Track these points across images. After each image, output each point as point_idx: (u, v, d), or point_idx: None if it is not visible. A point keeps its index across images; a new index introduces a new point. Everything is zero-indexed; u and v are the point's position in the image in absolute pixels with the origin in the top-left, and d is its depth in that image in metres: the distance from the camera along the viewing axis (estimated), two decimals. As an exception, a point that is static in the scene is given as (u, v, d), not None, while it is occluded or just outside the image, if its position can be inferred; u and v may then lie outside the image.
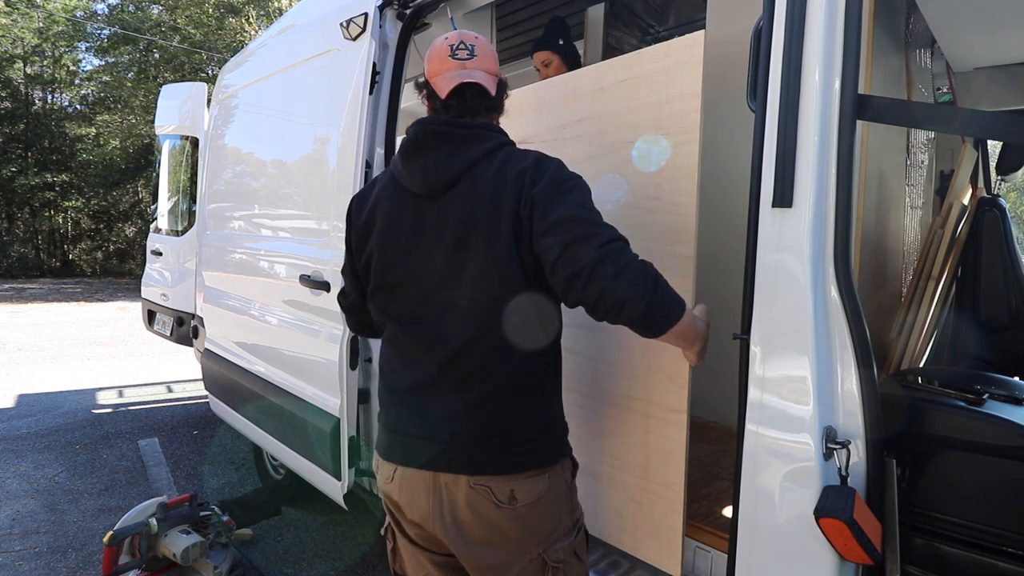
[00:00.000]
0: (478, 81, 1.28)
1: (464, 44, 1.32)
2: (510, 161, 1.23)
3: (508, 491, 1.21)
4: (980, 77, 2.38)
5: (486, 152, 1.24)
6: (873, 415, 1.15)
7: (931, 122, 1.54)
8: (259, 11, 17.02)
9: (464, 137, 1.26)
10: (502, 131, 1.33)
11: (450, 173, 1.24)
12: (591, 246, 1.09)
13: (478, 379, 1.22)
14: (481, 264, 1.20)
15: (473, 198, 1.21)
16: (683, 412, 1.40)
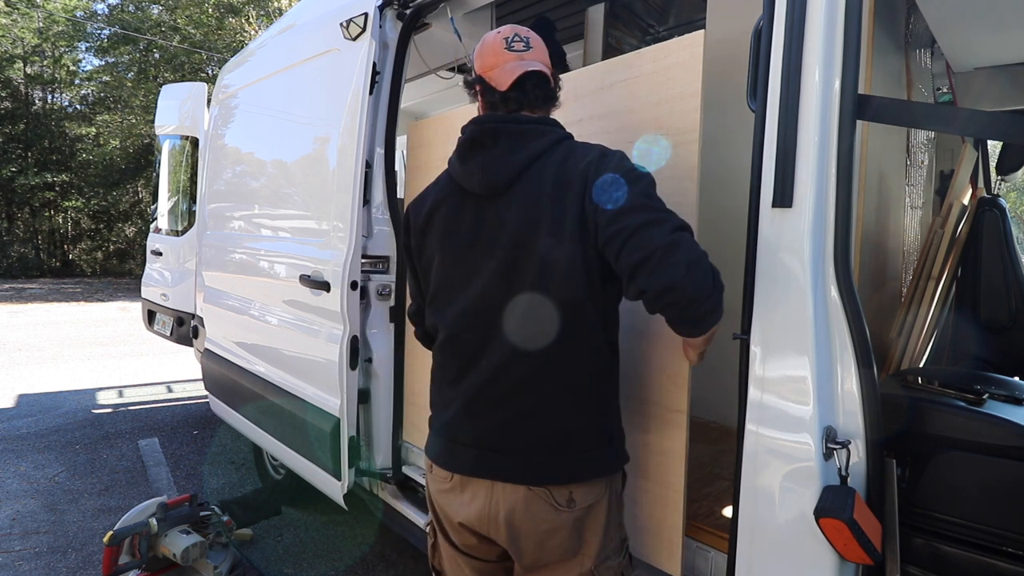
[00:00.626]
0: (540, 70, 1.26)
1: (519, 36, 1.29)
2: (573, 155, 1.19)
3: (567, 494, 1.19)
4: (980, 77, 2.38)
5: (546, 147, 1.21)
6: (873, 415, 1.15)
7: (931, 122, 1.54)
8: (259, 11, 17.03)
9: (522, 132, 1.22)
10: (560, 124, 1.29)
11: (510, 170, 1.20)
12: (663, 230, 1.05)
13: (531, 387, 1.19)
14: (541, 265, 1.16)
15: (535, 196, 1.17)
16: (683, 412, 1.40)
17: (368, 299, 2.30)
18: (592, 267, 1.16)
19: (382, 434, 2.35)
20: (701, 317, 1.07)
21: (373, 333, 2.33)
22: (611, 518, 1.25)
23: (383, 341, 2.34)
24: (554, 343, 1.17)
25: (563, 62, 2.11)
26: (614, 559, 1.25)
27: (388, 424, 2.35)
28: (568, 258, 1.14)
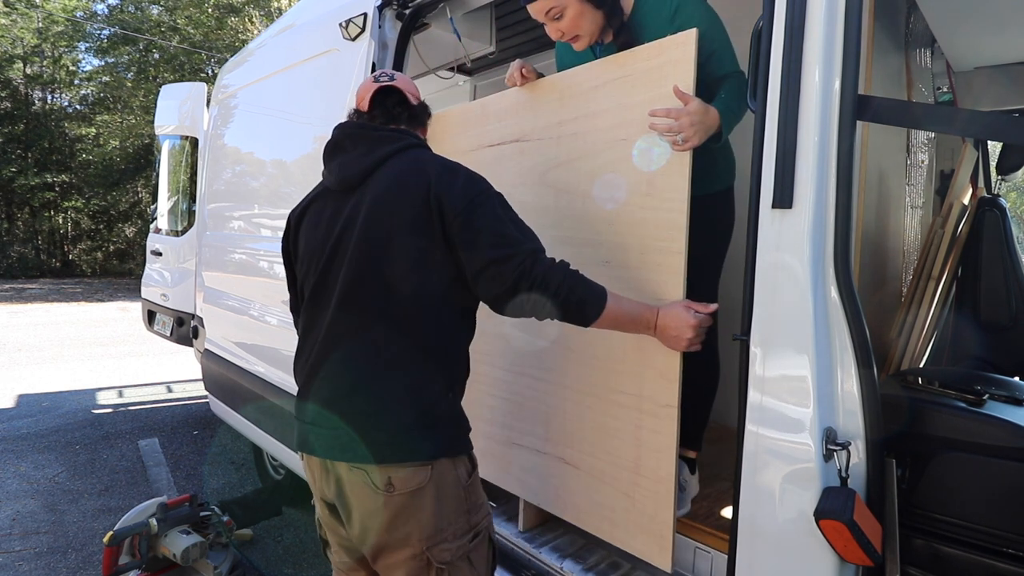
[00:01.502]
0: (396, 85, 1.43)
1: (386, 72, 1.50)
2: (420, 160, 1.31)
3: (385, 477, 1.22)
4: (980, 77, 2.38)
5: (395, 151, 1.33)
6: (873, 416, 1.15)
7: (931, 122, 1.54)
8: (260, 11, 17.03)
9: (378, 138, 1.36)
10: (419, 138, 1.42)
11: (362, 169, 1.32)
12: (510, 266, 1.21)
13: (355, 367, 1.26)
14: (381, 252, 1.26)
15: (382, 191, 1.28)
16: (674, 407, 1.40)
17: (368, 299, 2.30)
18: (428, 261, 1.25)
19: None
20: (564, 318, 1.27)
21: (373, 333, 2.32)
22: (444, 504, 1.26)
23: (383, 341, 2.33)
24: (381, 325, 1.25)
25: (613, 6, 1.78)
26: (453, 542, 1.26)
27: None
28: (404, 249, 1.25)
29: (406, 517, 1.24)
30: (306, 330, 1.37)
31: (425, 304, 1.26)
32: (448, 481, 1.27)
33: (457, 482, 1.29)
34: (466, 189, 1.25)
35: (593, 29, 1.61)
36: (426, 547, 1.24)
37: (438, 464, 1.25)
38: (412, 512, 1.24)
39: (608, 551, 1.73)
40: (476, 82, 3.67)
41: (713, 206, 1.69)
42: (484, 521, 1.34)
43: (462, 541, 1.28)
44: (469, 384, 1.41)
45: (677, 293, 1.39)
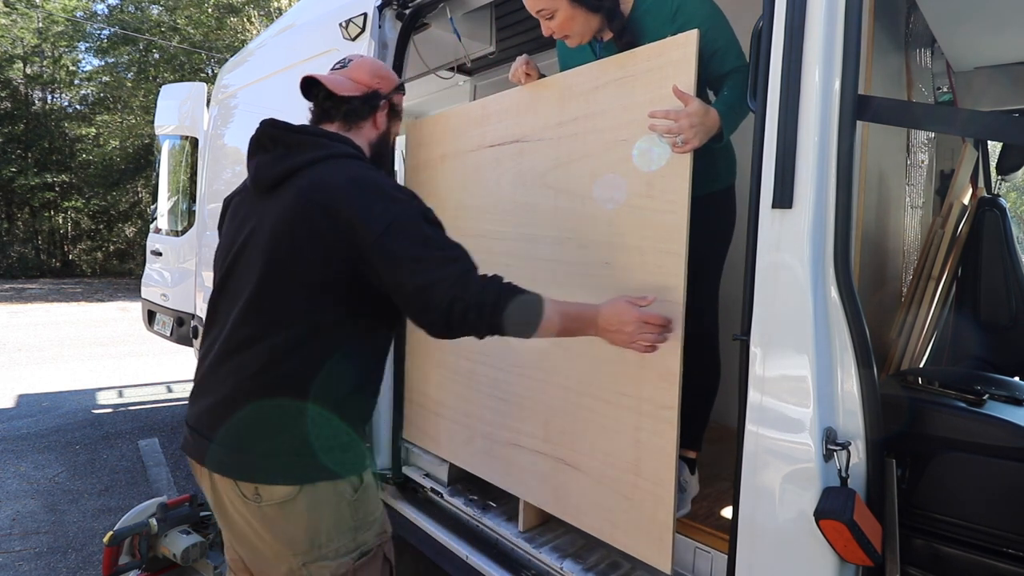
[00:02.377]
0: (316, 77, 1.34)
1: (344, 59, 1.43)
2: (336, 174, 1.22)
3: (252, 488, 1.20)
4: (980, 76, 2.38)
5: (313, 160, 1.25)
6: (873, 416, 1.15)
7: (931, 122, 1.54)
8: (260, 11, 17.02)
9: (295, 143, 1.28)
10: (346, 142, 1.33)
11: (273, 174, 1.27)
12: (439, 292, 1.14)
13: (238, 381, 1.21)
14: (281, 265, 1.20)
15: (289, 204, 1.22)
16: (674, 409, 1.40)
17: (368, 299, 2.30)
18: (328, 287, 1.20)
19: (382, 435, 2.35)
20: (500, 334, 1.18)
21: (373, 333, 2.32)
22: (320, 520, 1.22)
23: (383, 341, 2.34)
24: (269, 343, 1.20)
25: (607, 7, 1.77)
26: (333, 560, 1.23)
27: (388, 425, 2.35)
28: (304, 272, 1.19)
29: (277, 530, 1.21)
30: (208, 328, 1.33)
31: (318, 330, 1.20)
32: (324, 498, 1.22)
33: (337, 499, 1.23)
34: (385, 211, 1.17)
35: (584, 31, 1.62)
36: (302, 563, 1.21)
37: (311, 486, 1.21)
38: (283, 525, 1.20)
39: (608, 551, 1.73)
40: (476, 82, 3.67)
41: (714, 205, 1.69)
42: (375, 540, 1.30)
43: (343, 560, 1.24)
44: (469, 384, 1.40)
45: (677, 294, 1.39)
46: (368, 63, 1.43)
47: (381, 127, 1.42)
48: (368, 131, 1.40)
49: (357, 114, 1.38)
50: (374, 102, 1.39)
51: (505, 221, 1.88)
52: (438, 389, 2.19)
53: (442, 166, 2.16)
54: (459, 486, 2.17)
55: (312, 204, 1.19)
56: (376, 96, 1.39)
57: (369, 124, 1.40)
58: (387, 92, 1.42)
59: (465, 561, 1.88)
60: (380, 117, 1.41)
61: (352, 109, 1.37)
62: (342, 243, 1.18)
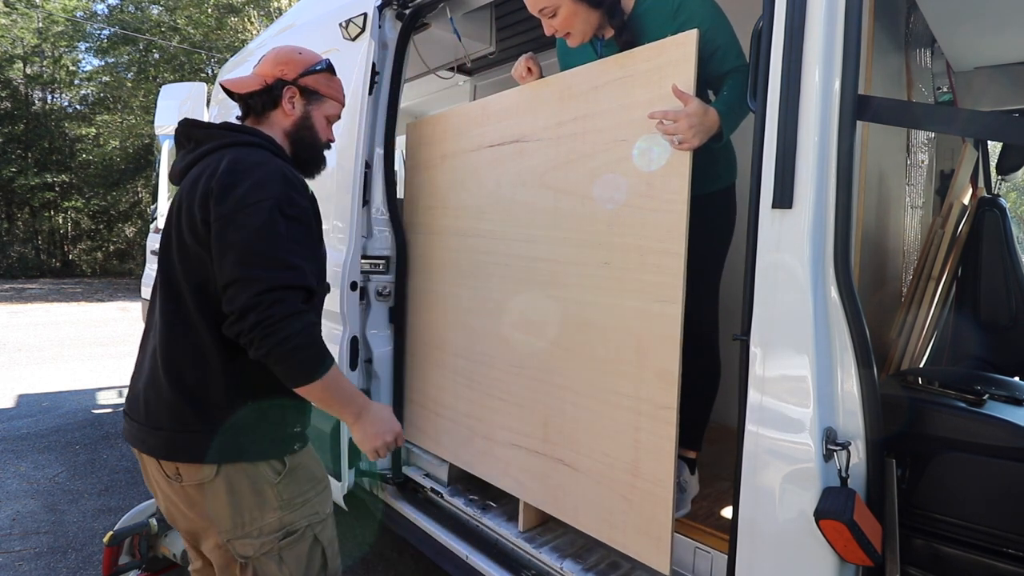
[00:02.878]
0: (222, 82, 1.44)
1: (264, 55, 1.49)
2: (219, 162, 1.27)
3: (173, 467, 1.25)
4: (980, 76, 2.38)
5: (210, 150, 1.32)
6: (873, 416, 1.14)
7: (931, 122, 1.54)
8: (260, 11, 17.02)
9: (202, 137, 1.37)
10: (252, 133, 1.37)
11: (181, 168, 1.36)
12: (248, 292, 1.13)
13: (156, 361, 1.27)
14: (182, 251, 1.26)
15: (186, 190, 1.29)
16: (673, 409, 1.40)
17: (368, 299, 2.30)
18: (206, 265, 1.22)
19: (382, 434, 2.35)
20: (277, 370, 1.17)
21: (373, 334, 2.33)
22: (241, 499, 1.25)
23: (383, 341, 2.34)
24: (179, 324, 1.25)
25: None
26: (257, 539, 1.27)
27: (388, 424, 2.35)
28: (189, 250, 1.24)
29: (199, 508, 1.27)
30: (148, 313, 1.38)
31: (208, 307, 1.23)
32: (244, 479, 1.25)
33: (260, 480, 1.27)
34: (243, 195, 1.18)
35: (586, 28, 1.62)
36: (226, 539, 1.27)
37: (226, 466, 1.24)
38: (204, 504, 1.26)
39: (608, 551, 1.73)
40: (476, 82, 3.67)
41: (714, 205, 1.69)
42: (304, 520, 1.32)
43: (268, 538, 1.28)
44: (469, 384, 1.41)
45: (677, 294, 1.39)
46: (275, 53, 1.46)
47: (293, 113, 1.44)
48: (279, 119, 1.44)
49: (262, 106, 1.43)
50: (276, 91, 1.42)
51: (505, 221, 1.88)
52: (438, 389, 2.18)
53: (442, 166, 2.16)
54: (459, 486, 2.17)
55: (197, 185, 1.25)
56: (279, 84, 1.42)
57: (278, 113, 1.44)
58: (293, 77, 1.43)
59: (465, 561, 1.88)
60: (288, 104, 1.43)
61: (256, 103, 1.43)
62: (204, 222, 1.21)
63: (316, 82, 1.47)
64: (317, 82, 1.47)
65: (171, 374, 1.24)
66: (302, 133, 1.46)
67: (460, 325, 2.07)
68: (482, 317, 1.97)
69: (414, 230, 2.31)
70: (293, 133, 1.45)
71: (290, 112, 1.44)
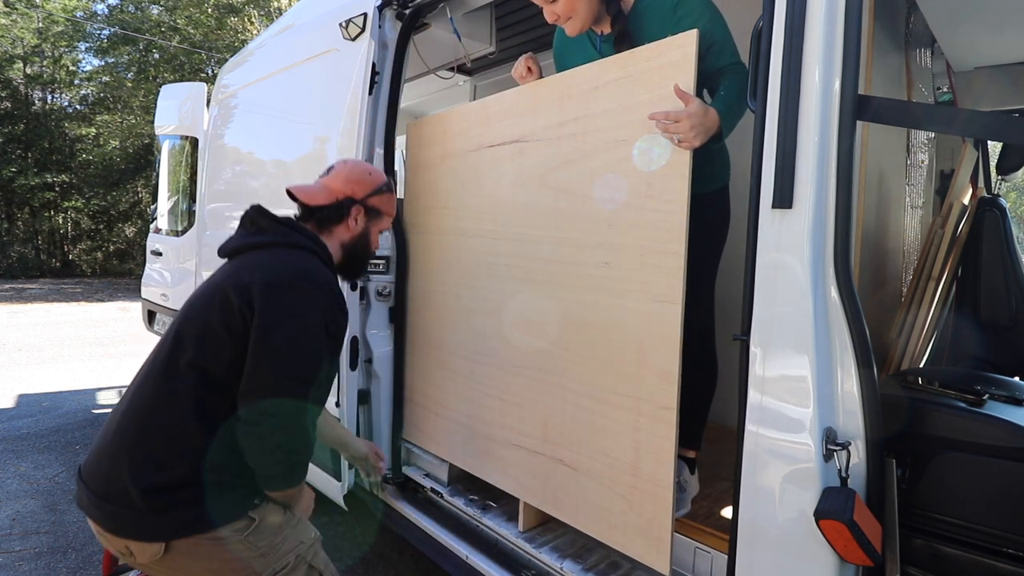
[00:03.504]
0: (291, 189, 1.49)
1: (333, 165, 1.58)
2: (275, 259, 1.34)
3: (123, 544, 1.22)
4: (980, 76, 2.38)
5: (269, 243, 1.39)
6: (873, 416, 1.14)
7: (931, 122, 1.54)
8: (260, 11, 17.02)
9: (264, 226, 1.43)
10: (311, 238, 1.45)
11: (235, 246, 1.42)
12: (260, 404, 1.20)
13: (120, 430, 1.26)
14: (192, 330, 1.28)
15: (228, 274, 1.33)
16: (673, 409, 1.40)
17: (368, 300, 2.30)
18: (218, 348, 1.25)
19: (382, 435, 2.35)
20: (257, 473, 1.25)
21: (373, 334, 2.33)
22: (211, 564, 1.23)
23: (383, 341, 2.34)
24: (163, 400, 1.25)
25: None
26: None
27: (388, 425, 2.35)
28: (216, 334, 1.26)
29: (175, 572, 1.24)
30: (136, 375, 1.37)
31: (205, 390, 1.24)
32: (203, 547, 1.22)
33: (221, 544, 1.23)
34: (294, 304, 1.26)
35: (587, 16, 1.63)
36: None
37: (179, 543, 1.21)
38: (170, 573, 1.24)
39: (608, 551, 1.73)
40: (476, 82, 3.68)
41: (710, 205, 1.69)
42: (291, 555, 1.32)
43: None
44: (469, 384, 1.42)
45: (677, 294, 1.39)
46: (347, 169, 1.55)
47: (355, 229, 1.54)
48: (341, 233, 1.53)
49: (329, 220, 1.51)
50: (345, 209, 1.51)
51: (505, 221, 1.88)
52: (438, 389, 2.18)
53: (442, 166, 2.16)
54: (459, 486, 2.17)
55: (239, 277, 1.29)
56: (349, 202, 1.52)
57: (342, 227, 1.53)
58: (361, 197, 1.53)
59: (465, 561, 1.87)
60: (353, 221, 1.53)
61: (324, 216, 1.50)
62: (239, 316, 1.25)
63: (380, 202, 1.57)
64: (381, 202, 1.57)
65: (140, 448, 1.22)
66: (358, 246, 1.56)
67: (460, 325, 2.07)
68: (482, 317, 1.97)
69: (414, 230, 2.31)
70: (350, 246, 1.54)
71: (353, 228, 1.53)
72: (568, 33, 1.69)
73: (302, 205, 1.51)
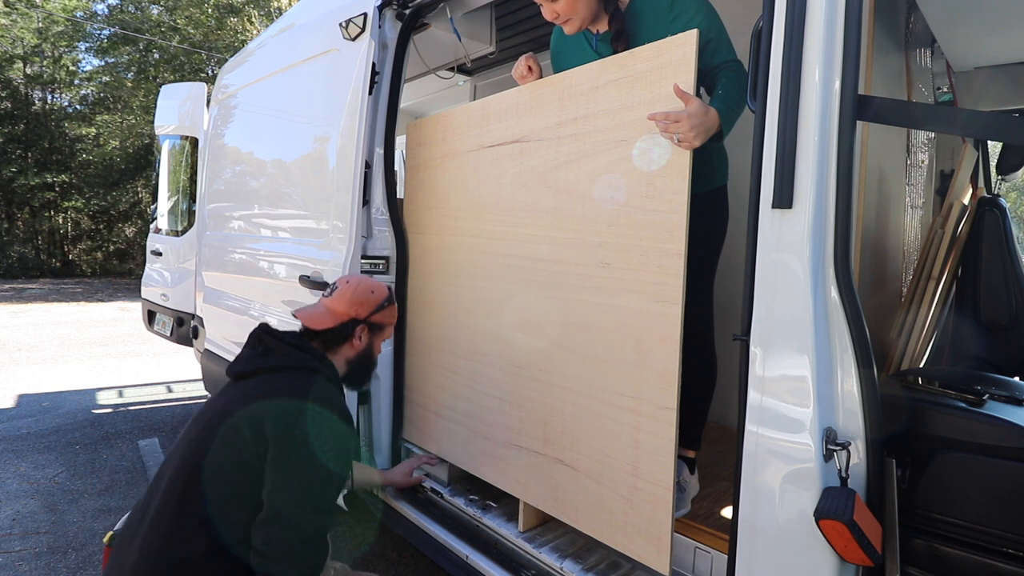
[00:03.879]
0: (296, 313, 1.54)
1: (336, 283, 1.61)
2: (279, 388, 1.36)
3: None
4: (980, 76, 2.38)
5: (277, 367, 1.42)
6: (873, 416, 1.14)
7: (931, 122, 1.54)
8: (260, 11, 17.02)
9: (273, 347, 1.47)
10: (319, 358, 1.49)
11: (244, 368, 1.44)
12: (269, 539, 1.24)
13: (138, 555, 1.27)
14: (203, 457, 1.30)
15: (240, 398, 1.35)
16: (673, 410, 1.40)
17: (368, 299, 2.30)
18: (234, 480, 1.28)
19: (383, 435, 2.35)
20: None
21: (373, 333, 2.32)
22: None
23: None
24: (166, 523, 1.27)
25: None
26: None
27: (388, 424, 2.35)
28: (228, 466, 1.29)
29: None
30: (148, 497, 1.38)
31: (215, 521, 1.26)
32: None
33: None
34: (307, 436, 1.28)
35: (586, 14, 1.64)
36: None
37: None
38: None
39: (608, 551, 1.73)
40: (476, 82, 3.68)
41: (708, 205, 1.69)
42: None
43: None
44: (469, 384, 1.43)
45: (677, 294, 1.39)
46: (350, 290, 1.58)
47: (360, 346, 1.60)
48: (346, 351, 1.59)
49: (334, 341, 1.56)
50: (349, 330, 1.57)
51: (505, 221, 1.88)
52: (438, 389, 2.18)
53: (442, 166, 2.16)
54: (459, 486, 2.17)
55: (250, 403, 1.32)
56: (353, 323, 1.57)
57: (347, 346, 1.58)
58: (365, 317, 1.57)
59: (465, 561, 1.87)
60: (358, 340, 1.59)
61: (329, 338, 1.55)
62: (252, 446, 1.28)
63: (383, 317, 1.62)
64: (383, 317, 1.63)
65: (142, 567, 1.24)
66: (362, 359, 1.62)
67: (460, 325, 2.07)
68: (482, 317, 1.97)
69: (414, 230, 2.31)
70: (355, 360, 1.60)
71: (358, 345, 1.59)
72: (566, 31, 1.69)
73: (308, 330, 1.55)
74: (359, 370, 1.63)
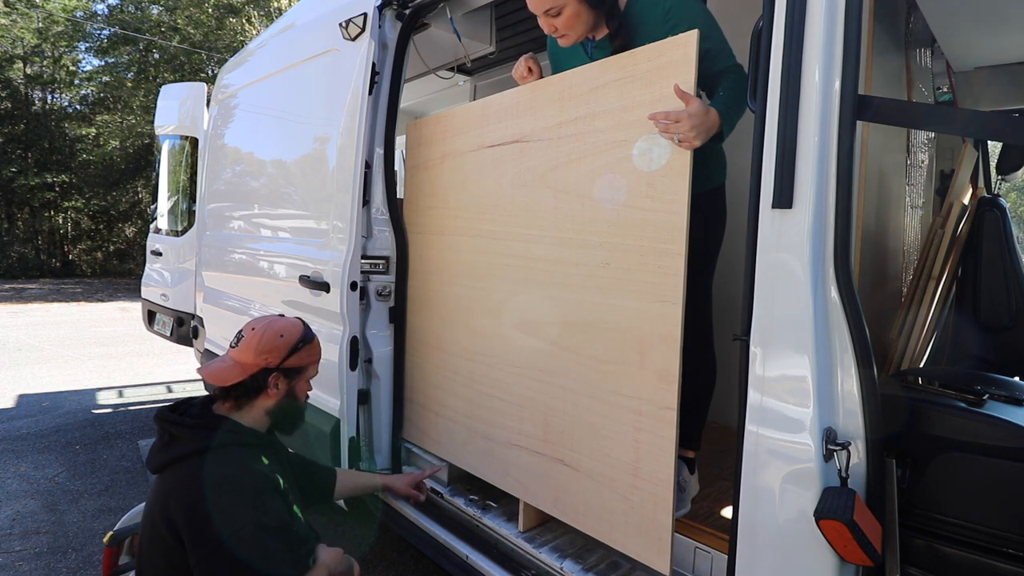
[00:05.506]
0: (200, 372, 1.48)
1: (242, 332, 1.51)
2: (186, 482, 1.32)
3: None
4: (980, 76, 2.38)
5: (179, 457, 1.37)
6: (873, 416, 1.14)
7: (931, 122, 1.54)
8: (260, 11, 17.03)
9: (176, 435, 1.40)
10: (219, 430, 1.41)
11: (156, 463, 1.40)
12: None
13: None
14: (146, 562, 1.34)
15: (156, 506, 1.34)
16: (673, 410, 1.40)
17: (368, 300, 2.30)
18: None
19: (382, 434, 2.35)
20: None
21: (373, 334, 2.33)
22: None
23: (383, 341, 2.34)
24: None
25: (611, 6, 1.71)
26: None
27: (388, 424, 2.35)
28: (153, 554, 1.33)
29: None
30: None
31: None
32: None
33: None
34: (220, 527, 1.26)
35: (584, 29, 1.64)
36: None
37: None
38: None
39: (608, 551, 1.73)
40: (476, 82, 3.67)
41: (707, 204, 1.69)
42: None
43: None
44: (469, 384, 1.42)
45: (677, 294, 1.39)
46: (256, 339, 1.48)
47: (278, 395, 1.51)
48: (263, 403, 1.50)
49: (247, 395, 1.48)
50: (261, 380, 1.47)
51: (505, 221, 1.88)
52: (438, 389, 2.18)
53: (442, 166, 2.16)
54: (459, 486, 2.17)
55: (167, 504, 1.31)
56: (264, 373, 1.47)
57: (262, 398, 1.49)
58: (277, 364, 1.48)
59: (465, 561, 1.87)
60: (273, 389, 1.50)
61: (241, 392, 1.47)
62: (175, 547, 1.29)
63: (299, 359, 1.52)
64: (300, 359, 1.52)
65: None
66: (284, 407, 1.53)
67: (460, 325, 2.07)
68: (482, 317, 1.97)
69: (414, 230, 2.31)
70: (276, 410, 1.52)
71: (274, 394, 1.50)
72: (562, 44, 1.69)
73: (218, 389, 1.48)
74: (284, 419, 1.55)
